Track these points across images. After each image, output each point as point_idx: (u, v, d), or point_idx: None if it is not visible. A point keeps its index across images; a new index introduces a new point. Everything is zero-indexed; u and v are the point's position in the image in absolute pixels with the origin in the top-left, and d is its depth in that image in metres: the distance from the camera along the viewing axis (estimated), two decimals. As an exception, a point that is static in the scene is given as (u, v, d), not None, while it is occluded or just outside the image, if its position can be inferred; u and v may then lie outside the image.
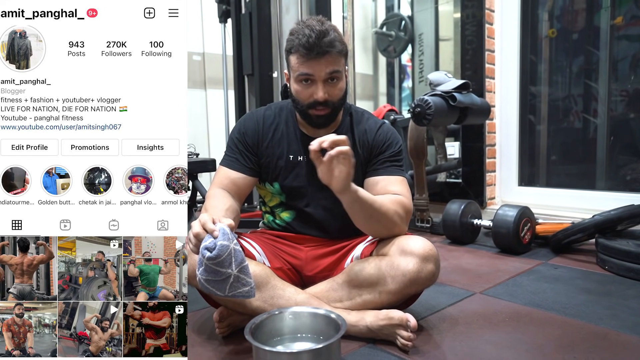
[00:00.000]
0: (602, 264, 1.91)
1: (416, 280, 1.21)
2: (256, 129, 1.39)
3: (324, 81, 1.26)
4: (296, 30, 1.25)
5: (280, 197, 1.42)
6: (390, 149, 1.39)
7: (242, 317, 1.27)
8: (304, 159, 1.38)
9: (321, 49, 1.22)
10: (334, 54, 1.25)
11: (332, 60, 1.25)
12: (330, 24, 1.27)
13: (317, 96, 1.26)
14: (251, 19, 2.99)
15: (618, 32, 2.72)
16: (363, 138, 1.40)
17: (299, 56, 1.24)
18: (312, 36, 1.21)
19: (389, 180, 1.35)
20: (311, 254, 1.41)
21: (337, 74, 1.27)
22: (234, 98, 3.32)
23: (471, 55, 2.88)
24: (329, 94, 1.27)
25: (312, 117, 1.31)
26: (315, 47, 1.21)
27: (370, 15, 4.45)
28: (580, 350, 1.17)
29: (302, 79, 1.27)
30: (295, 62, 1.26)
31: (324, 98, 1.26)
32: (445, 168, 2.90)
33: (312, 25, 1.23)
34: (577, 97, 2.95)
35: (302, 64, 1.24)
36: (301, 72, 1.25)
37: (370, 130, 1.41)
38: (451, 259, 2.13)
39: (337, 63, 1.26)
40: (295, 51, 1.25)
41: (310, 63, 1.24)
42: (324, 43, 1.22)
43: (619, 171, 2.75)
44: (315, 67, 1.24)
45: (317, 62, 1.24)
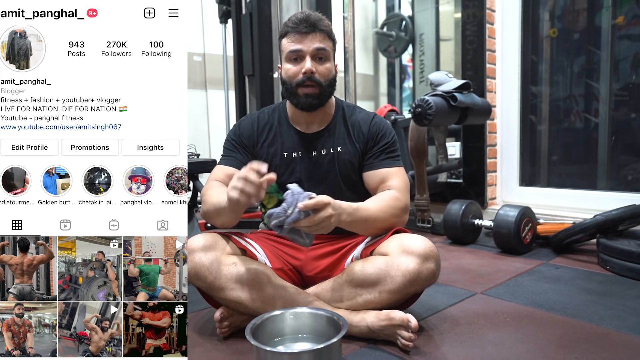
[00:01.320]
0: (604, 264, 1.90)
1: (416, 279, 1.20)
2: (251, 131, 1.43)
3: (312, 57, 1.32)
4: (288, 18, 1.35)
5: (278, 196, 1.41)
6: (384, 139, 1.41)
7: (243, 317, 1.27)
8: (298, 155, 1.40)
9: (308, 24, 1.31)
10: (322, 32, 1.33)
11: (320, 38, 1.33)
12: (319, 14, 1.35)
13: (305, 68, 1.31)
14: (252, 19, 2.99)
15: (619, 31, 2.71)
16: (357, 130, 1.42)
17: (289, 35, 1.33)
18: (300, 16, 1.32)
19: (386, 173, 1.38)
20: (311, 254, 1.41)
21: (324, 52, 1.34)
22: (235, 98, 3.32)
23: (472, 55, 2.88)
24: (317, 70, 1.33)
25: (301, 96, 1.34)
26: (303, 22, 1.31)
27: (370, 16, 4.45)
28: (582, 351, 1.17)
29: (291, 57, 1.33)
30: (285, 42, 1.34)
31: (310, 69, 1.31)
32: (446, 168, 2.89)
33: (303, 11, 1.35)
34: (578, 97, 2.94)
35: (291, 43, 1.32)
36: (290, 50, 1.32)
37: (364, 122, 1.43)
38: (452, 259, 2.13)
39: (325, 42, 1.34)
40: (285, 32, 1.34)
41: (299, 38, 1.32)
42: (311, 20, 1.31)
43: (620, 171, 2.75)
44: (303, 43, 1.31)
45: (305, 37, 1.31)
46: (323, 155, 1.40)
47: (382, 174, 1.37)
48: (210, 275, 1.23)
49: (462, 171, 3.01)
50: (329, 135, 1.41)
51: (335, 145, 1.40)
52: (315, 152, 1.40)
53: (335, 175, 1.40)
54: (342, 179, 1.40)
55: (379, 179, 1.37)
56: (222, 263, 1.24)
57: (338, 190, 1.39)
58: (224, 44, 3.62)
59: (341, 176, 1.40)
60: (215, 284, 1.23)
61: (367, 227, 1.28)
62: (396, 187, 1.34)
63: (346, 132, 1.42)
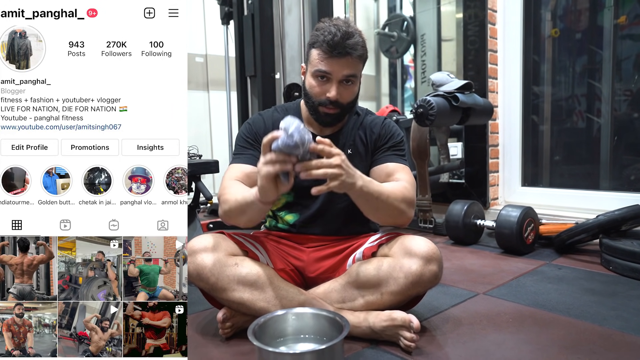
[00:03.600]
0: (607, 265, 1.90)
1: (419, 281, 1.20)
2: (265, 129, 1.38)
3: (339, 81, 1.28)
4: (322, 27, 1.26)
5: (288, 198, 1.41)
6: (392, 139, 1.41)
7: (246, 317, 1.27)
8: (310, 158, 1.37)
9: (343, 50, 1.23)
10: (355, 57, 1.26)
11: (352, 64, 1.27)
12: (356, 27, 1.28)
13: (329, 94, 1.27)
14: (253, 20, 2.99)
15: (621, 31, 2.70)
16: (370, 132, 1.42)
17: (321, 52, 1.26)
18: (338, 35, 1.22)
19: (393, 167, 1.36)
20: (314, 255, 1.41)
21: (353, 77, 1.29)
22: (237, 99, 3.32)
23: (474, 55, 2.88)
24: (341, 96, 1.29)
25: (321, 114, 1.32)
26: (338, 47, 1.23)
27: (372, 16, 4.44)
28: (585, 351, 1.16)
29: (318, 75, 1.28)
30: (316, 57, 1.27)
31: (335, 98, 1.27)
32: (448, 168, 2.89)
33: (338, 24, 1.25)
34: (581, 97, 2.93)
35: (321, 61, 1.26)
36: (319, 69, 1.27)
37: (376, 124, 1.43)
38: (454, 259, 2.13)
39: (356, 67, 1.28)
40: (318, 46, 1.26)
41: (330, 61, 1.25)
42: (347, 44, 1.23)
43: (623, 171, 2.74)
44: (334, 66, 1.25)
45: (337, 62, 1.25)
46: None
47: (389, 168, 1.36)
48: (212, 277, 1.23)
49: (464, 171, 3.00)
50: (341, 137, 1.40)
51: (346, 147, 1.39)
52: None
53: None
54: None
55: (386, 173, 1.35)
56: (224, 264, 1.24)
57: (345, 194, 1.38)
58: (225, 45, 3.63)
59: None
60: (217, 285, 1.23)
61: (377, 205, 1.22)
62: (404, 180, 1.32)
63: (358, 135, 1.41)
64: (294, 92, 2.75)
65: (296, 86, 2.74)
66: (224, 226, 2.47)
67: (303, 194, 1.39)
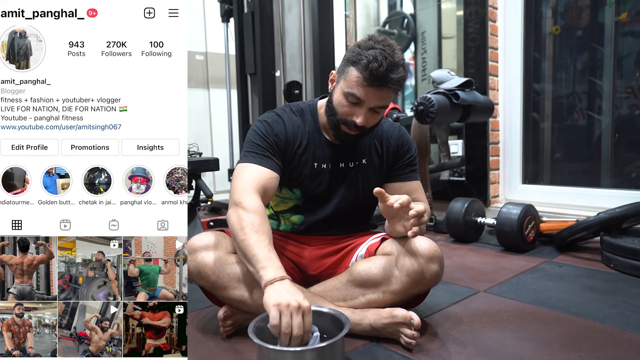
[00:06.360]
0: (607, 262, 1.90)
1: (420, 280, 1.21)
2: (285, 133, 1.33)
3: (369, 109, 1.24)
4: (368, 47, 1.20)
5: (297, 202, 1.40)
6: (409, 152, 1.42)
7: (246, 315, 1.27)
8: (327, 166, 1.36)
9: (385, 82, 1.18)
10: (392, 90, 1.22)
11: (387, 95, 1.23)
12: (401, 56, 1.22)
13: (357, 120, 1.23)
14: (253, 18, 2.99)
15: (623, 28, 2.70)
16: (387, 142, 1.41)
17: (360, 77, 1.19)
18: (383, 65, 1.16)
19: (411, 186, 1.41)
20: (315, 253, 1.41)
21: (383, 107, 1.26)
22: (237, 97, 3.33)
23: (474, 52, 2.87)
24: (367, 122, 1.26)
25: (341, 132, 1.29)
26: (380, 79, 1.18)
27: (372, 14, 4.43)
28: (585, 349, 1.16)
29: (348, 95, 1.23)
30: (354, 79, 1.21)
31: (362, 124, 1.24)
32: (449, 166, 2.88)
33: (385, 51, 1.18)
34: (582, 94, 2.93)
35: (358, 86, 1.20)
36: (354, 93, 1.21)
37: (391, 134, 1.42)
38: (455, 257, 2.13)
39: (389, 98, 1.24)
40: (360, 70, 1.19)
41: (367, 89, 1.20)
42: (390, 79, 1.18)
43: (624, 168, 2.73)
44: (369, 95, 1.21)
45: (374, 92, 1.20)
46: (350, 168, 1.38)
47: (410, 187, 1.41)
48: (213, 275, 1.23)
49: (464, 169, 3.00)
50: (357, 146, 1.38)
51: (361, 157, 1.38)
52: (343, 164, 1.37)
53: (357, 188, 1.38)
54: (363, 191, 1.38)
55: (406, 191, 1.36)
56: (224, 262, 1.24)
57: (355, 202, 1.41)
58: (226, 42, 3.63)
59: (362, 189, 1.38)
60: (218, 282, 1.23)
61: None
62: (423, 201, 1.41)
63: (373, 145, 1.40)
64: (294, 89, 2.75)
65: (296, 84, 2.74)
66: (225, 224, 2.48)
67: (312, 200, 1.39)
